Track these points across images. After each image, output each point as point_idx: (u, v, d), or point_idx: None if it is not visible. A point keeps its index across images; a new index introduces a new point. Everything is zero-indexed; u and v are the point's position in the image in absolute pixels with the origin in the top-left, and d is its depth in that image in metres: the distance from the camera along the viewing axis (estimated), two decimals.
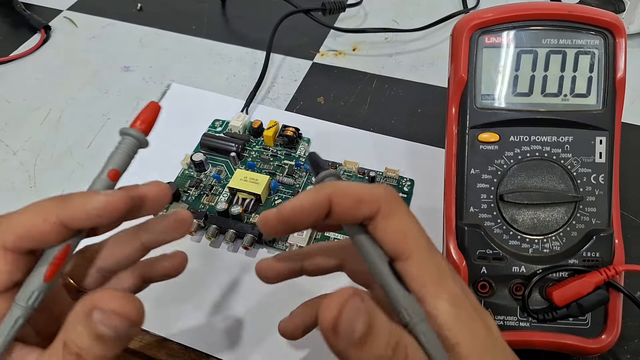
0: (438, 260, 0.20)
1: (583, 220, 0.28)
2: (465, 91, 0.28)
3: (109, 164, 0.22)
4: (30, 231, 0.19)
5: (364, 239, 0.20)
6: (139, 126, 0.22)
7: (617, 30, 0.27)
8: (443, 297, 0.18)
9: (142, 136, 0.22)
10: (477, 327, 0.19)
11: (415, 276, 0.19)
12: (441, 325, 0.18)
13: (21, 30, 0.54)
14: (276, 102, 0.46)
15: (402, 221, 0.20)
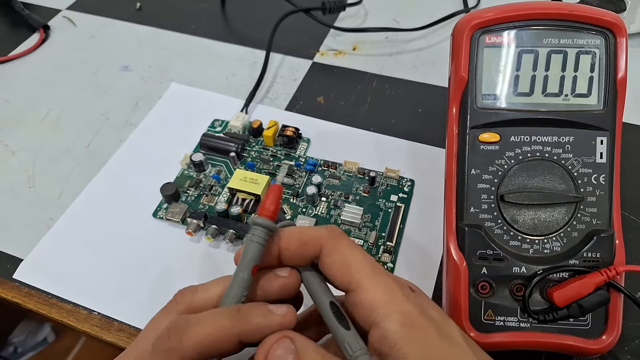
0: (386, 282, 0.21)
1: (584, 220, 0.28)
2: (465, 91, 0.28)
3: (248, 261, 0.22)
4: (210, 346, 0.20)
5: (311, 278, 0.22)
6: (266, 214, 0.22)
7: (618, 30, 0.27)
8: (393, 317, 0.19)
9: (271, 225, 0.22)
10: (428, 339, 0.19)
11: (364, 303, 0.20)
12: (392, 346, 0.19)
13: (20, 30, 0.54)
14: (276, 101, 0.46)
15: (344, 255, 0.21)
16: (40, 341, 0.77)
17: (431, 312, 0.21)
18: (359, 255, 0.21)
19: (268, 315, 0.21)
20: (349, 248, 0.22)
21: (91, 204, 0.38)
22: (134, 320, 0.32)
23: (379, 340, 0.19)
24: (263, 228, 0.22)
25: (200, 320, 0.20)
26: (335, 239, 0.22)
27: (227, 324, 0.20)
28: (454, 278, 0.27)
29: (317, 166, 0.39)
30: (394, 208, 0.36)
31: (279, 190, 0.23)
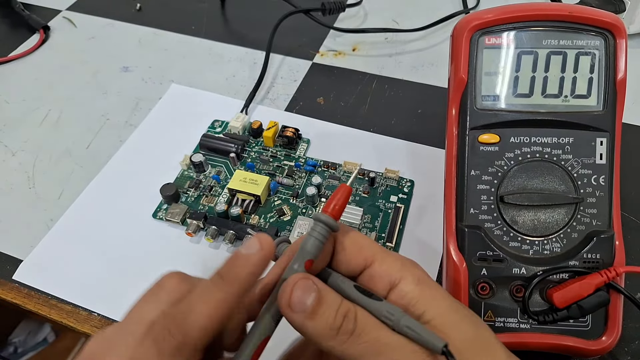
0: (396, 256, 0.23)
1: (583, 221, 0.28)
2: (465, 92, 0.28)
3: (305, 254, 0.21)
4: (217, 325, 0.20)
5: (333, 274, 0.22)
6: (331, 212, 0.22)
7: (617, 31, 0.27)
8: (408, 279, 0.21)
9: (334, 223, 0.22)
10: (439, 295, 0.21)
11: (382, 272, 0.22)
12: (408, 302, 0.21)
13: (20, 31, 0.54)
14: (276, 102, 0.46)
15: (355, 239, 0.23)
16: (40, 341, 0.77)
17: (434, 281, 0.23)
18: (366, 238, 0.23)
19: (249, 259, 0.21)
20: (355, 234, 0.23)
21: (91, 204, 0.38)
22: None
23: (397, 299, 0.21)
24: (326, 226, 0.22)
25: (194, 305, 0.20)
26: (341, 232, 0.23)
27: (221, 296, 0.20)
28: (454, 279, 0.27)
29: (316, 167, 0.39)
30: (394, 209, 0.36)
31: (349, 192, 0.23)
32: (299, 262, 0.21)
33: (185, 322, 0.19)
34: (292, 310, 0.20)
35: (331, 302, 0.20)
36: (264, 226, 0.36)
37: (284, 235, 0.35)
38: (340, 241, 0.23)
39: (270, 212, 0.37)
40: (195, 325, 0.19)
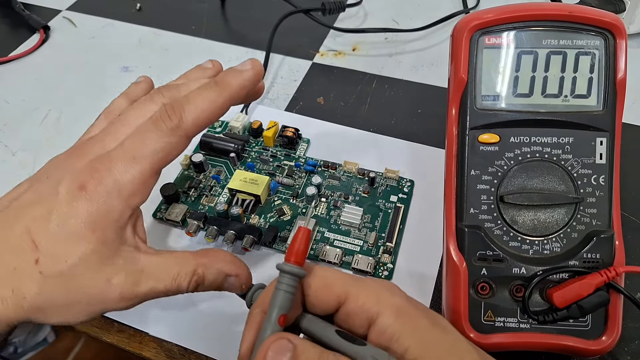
0: (369, 285, 0.22)
1: (583, 221, 0.28)
2: (465, 92, 0.28)
3: (277, 309, 0.21)
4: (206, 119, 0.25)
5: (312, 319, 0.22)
6: (294, 259, 0.21)
7: (617, 31, 0.27)
8: (386, 312, 0.21)
9: (300, 271, 0.21)
10: (422, 326, 0.21)
11: (358, 309, 0.21)
12: (390, 337, 0.20)
13: (20, 31, 0.54)
14: (276, 102, 0.46)
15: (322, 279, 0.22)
16: (40, 341, 0.77)
17: (415, 303, 0.22)
18: (334, 273, 0.22)
19: (242, 73, 0.25)
20: (324, 271, 0.22)
21: None
22: (133, 322, 0.32)
23: (378, 336, 0.20)
24: (293, 276, 0.21)
25: (192, 99, 0.24)
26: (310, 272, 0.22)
27: (214, 96, 0.24)
28: (454, 279, 0.27)
29: (316, 167, 0.39)
30: (394, 209, 0.36)
31: (308, 234, 0.22)
32: (272, 320, 0.21)
33: (184, 110, 0.24)
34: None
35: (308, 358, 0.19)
36: (264, 226, 0.36)
37: (284, 235, 0.35)
38: (309, 284, 0.22)
39: (270, 212, 0.37)
40: (191, 115, 0.24)
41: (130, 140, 0.24)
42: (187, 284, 0.24)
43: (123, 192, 0.23)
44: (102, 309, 0.23)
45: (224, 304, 0.32)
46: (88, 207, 0.22)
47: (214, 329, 0.31)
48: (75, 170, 0.23)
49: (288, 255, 0.21)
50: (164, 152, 0.24)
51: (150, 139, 0.23)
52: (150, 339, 0.31)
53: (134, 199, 0.23)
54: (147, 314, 0.32)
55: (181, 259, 0.24)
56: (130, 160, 0.23)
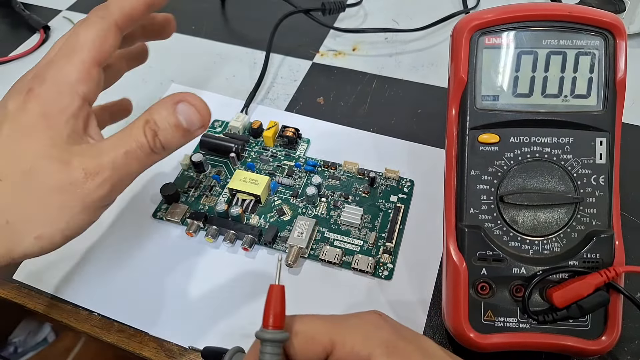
0: (352, 325, 0.21)
1: (583, 221, 0.28)
2: (465, 92, 0.28)
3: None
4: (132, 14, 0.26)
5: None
6: (273, 324, 0.20)
7: (617, 31, 0.27)
8: (376, 352, 0.20)
9: (281, 336, 0.20)
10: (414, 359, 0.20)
11: (347, 355, 0.20)
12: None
13: (20, 31, 0.54)
14: (276, 102, 0.46)
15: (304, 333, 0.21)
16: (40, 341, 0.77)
17: (404, 333, 0.21)
18: (317, 320, 0.22)
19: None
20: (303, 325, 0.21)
21: None
22: (134, 322, 0.32)
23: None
24: (275, 342, 0.20)
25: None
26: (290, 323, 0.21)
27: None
28: (454, 279, 0.27)
29: (316, 167, 0.39)
30: (394, 208, 0.36)
31: (282, 291, 0.21)
32: None
33: (109, 3, 0.26)
34: None
35: None
36: (264, 226, 0.36)
37: (285, 234, 0.35)
38: (292, 343, 0.21)
39: (271, 211, 0.37)
40: (115, 4, 0.25)
41: (66, 42, 0.25)
42: (144, 135, 0.24)
43: (69, 80, 0.24)
44: (74, 198, 0.23)
45: (224, 303, 0.32)
46: (37, 102, 0.23)
47: (214, 329, 0.31)
48: (21, 84, 0.25)
49: (265, 321, 0.20)
50: (99, 39, 0.25)
51: (83, 31, 0.25)
52: (150, 338, 0.31)
53: (80, 86, 0.24)
54: (148, 313, 0.32)
55: (130, 125, 0.25)
56: (69, 54, 0.24)
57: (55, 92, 0.23)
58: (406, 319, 0.31)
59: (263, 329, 0.20)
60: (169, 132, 0.24)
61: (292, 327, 0.21)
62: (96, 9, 0.26)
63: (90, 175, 0.22)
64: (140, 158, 0.24)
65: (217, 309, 0.32)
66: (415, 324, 0.31)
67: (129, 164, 0.24)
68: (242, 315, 0.32)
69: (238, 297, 0.33)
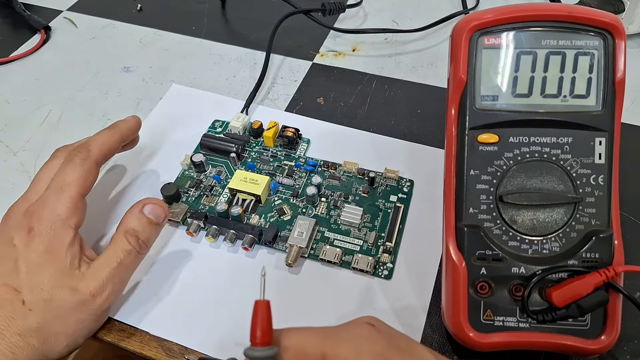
0: (344, 338, 0.21)
1: (582, 221, 0.28)
2: (464, 92, 0.28)
3: None
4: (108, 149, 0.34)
5: None
6: (261, 340, 0.20)
7: (616, 31, 0.27)
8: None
9: (271, 352, 0.20)
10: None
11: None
12: None
13: (21, 31, 0.54)
14: (276, 102, 0.46)
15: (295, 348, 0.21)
16: None
17: (398, 342, 0.21)
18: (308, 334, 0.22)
19: (127, 121, 0.35)
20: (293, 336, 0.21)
21: (91, 204, 0.38)
22: (134, 321, 0.32)
23: None
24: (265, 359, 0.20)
25: (94, 137, 0.33)
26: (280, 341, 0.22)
27: (110, 134, 0.34)
28: (453, 278, 0.27)
29: (316, 167, 0.39)
30: (394, 208, 0.37)
31: (267, 307, 0.21)
32: None
33: (89, 144, 0.32)
34: None
35: None
36: (264, 225, 0.36)
37: (285, 234, 0.35)
38: (281, 358, 0.21)
39: (271, 211, 0.37)
40: (95, 146, 0.32)
41: (55, 180, 0.30)
42: (128, 243, 0.29)
43: (62, 216, 0.29)
44: (88, 314, 0.28)
45: (224, 303, 0.32)
46: (40, 240, 0.28)
47: (214, 328, 0.31)
48: (19, 222, 0.29)
49: (253, 338, 0.20)
50: (83, 177, 0.30)
51: (70, 171, 0.30)
52: (150, 337, 0.31)
53: (73, 220, 0.29)
54: (148, 313, 0.32)
55: (112, 239, 0.30)
56: (59, 191, 0.30)
57: (52, 229, 0.28)
58: (406, 319, 0.31)
59: (252, 347, 0.20)
60: (147, 230, 0.30)
61: (280, 341, 0.21)
62: (79, 150, 0.32)
63: (96, 295, 0.28)
64: (130, 262, 0.30)
65: (217, 308, 0.32)
66: (414, 323, 0.31)
67: (122, 271, 0.29)
68: (242, 314, 0.32)
69: (238, 296, 0.33)
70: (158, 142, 0.42)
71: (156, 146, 0.42)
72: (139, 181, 0.39)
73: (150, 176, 0.39)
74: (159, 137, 0.43)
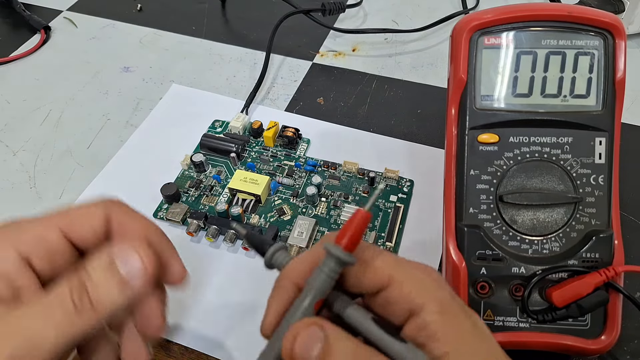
0: (414, 271, 0.20)
1: (583, 221, 0.28)
2: (464, 92, 0.28)
3: (314, 293, 0.19)
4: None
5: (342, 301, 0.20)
6: (346, 244, 0.19)
7: (616, 31, 0.27)
8: (430, 306, 0.19)
9: (350, 259, 0.19)
10: (465, 329, 0.19)
11: (401, 298, 0.19)
12: (430, 335, 0.18)
13: (21, 31, 0.54)
14: (276, 102, 0.46)
15: (368, 261, 0.20)
16: None
17: (458, 300, 0.20)
18: (381, 253, 0.20)
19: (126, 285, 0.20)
20: (370, 252, 0.20)
21: None
22: None
23: (417, 331, 0.19)
24: (340, 263, 0.19)
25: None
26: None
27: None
28: (453, 278, 0.27)
29: (316, 167, 0.39)
30: (394, 208, 0.37)
31: (366, 219, 0.19)
32: (306, 304, 0.19)
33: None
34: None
35: (341, 354, 0.18)
36: (264, 225, 0.36)
37: (285, 234, 0.35)
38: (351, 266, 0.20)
39: (271, 211, 0.37)
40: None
41: None
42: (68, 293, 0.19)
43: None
44: None
45: (224, 302, 0.32)
46: None
47: (214, 327, 0.31)
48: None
49: (340, 238, 0.19)
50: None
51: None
52: None
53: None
54: None
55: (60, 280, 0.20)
56: None
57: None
58: None
59: (336, 245, 0.19)
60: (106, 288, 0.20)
61: (361, 252, 0.20)
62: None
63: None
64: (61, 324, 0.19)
65: (217, 308, 0.32)
66: None
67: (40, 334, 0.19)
68: (241, 313, 0.32)
69: (238, 295, 0.33)
70: (158, 142, 0.42)
71: (156, 146, 0.42)
72: (138, 181, 0.39)
73: (150, 176, 0.39)
74: (159, 137, 0.43)
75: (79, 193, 0.39)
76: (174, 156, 0.40)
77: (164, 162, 0.40)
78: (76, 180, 0.40)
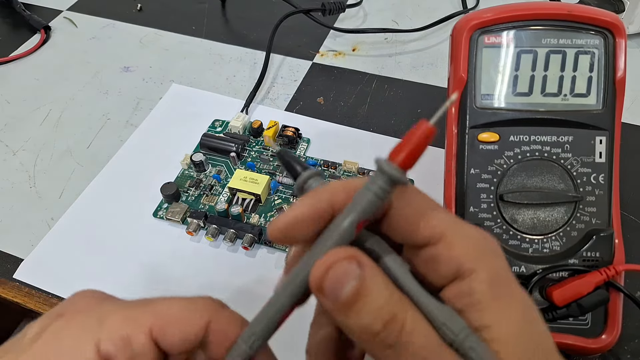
0: (470, 232, 0.17)
1: (583, 220, 0.28)
2: (465, 91, 0.28)
3: (359, 211, 0.16)
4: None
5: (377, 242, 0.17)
6: (401, 162, 0.16)
7: (617, 30, 0.27)
8: (481, 274, 0.16)
9: (403, 178, 0.16)
10: (514, 308, 0.16)
11: (450, 258, 0.16)
12: (473, 304, 0.16)
13: (21, 31, 0.54)
14: (276, 102, 0.46)
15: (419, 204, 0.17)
16: None
17: (513, 275, 0.18)
18: (433, 203, 0.18)
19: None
20: (423, 197, 0.18)
21: (92, 204, 0.38)
22: None
23: (459, 296, 0.16)
24: (393, 181, 0.16)
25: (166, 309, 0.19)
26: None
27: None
28: None
29: (317, 166, 0.39)
30: None
31: (430, 135, 0.16)
32: (348, 223, 0.16)
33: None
34: (322, 295, 0.16)
35: (374, 299, 0.15)
36: (264, 225, 0.36)
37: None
38: (399, 204, 0.17)
39: (271, 210, 0.37)
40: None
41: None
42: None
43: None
44: None
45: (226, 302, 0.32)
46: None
47: None
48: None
49: (395, 153, 0.16)
50: None
51: None
52: None
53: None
54: None
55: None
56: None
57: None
58: None
59: (388, 161, 0.16)
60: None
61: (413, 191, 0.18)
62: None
63: None
64: None
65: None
66: None
67: None
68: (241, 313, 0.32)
69: (238, 295, 0.33)
70: (158, 142, 0.42)
71: (156, 146, 0.42)
72: (138, 180, 0.39)
73: (150, 175, 0.39)
74: (159, 137, 0.43)
75: (78, 193, 0.39)
76: (173, 156, 0.40)
77: (164, 161, 0.40)
78: (76, 180, 0.40)
